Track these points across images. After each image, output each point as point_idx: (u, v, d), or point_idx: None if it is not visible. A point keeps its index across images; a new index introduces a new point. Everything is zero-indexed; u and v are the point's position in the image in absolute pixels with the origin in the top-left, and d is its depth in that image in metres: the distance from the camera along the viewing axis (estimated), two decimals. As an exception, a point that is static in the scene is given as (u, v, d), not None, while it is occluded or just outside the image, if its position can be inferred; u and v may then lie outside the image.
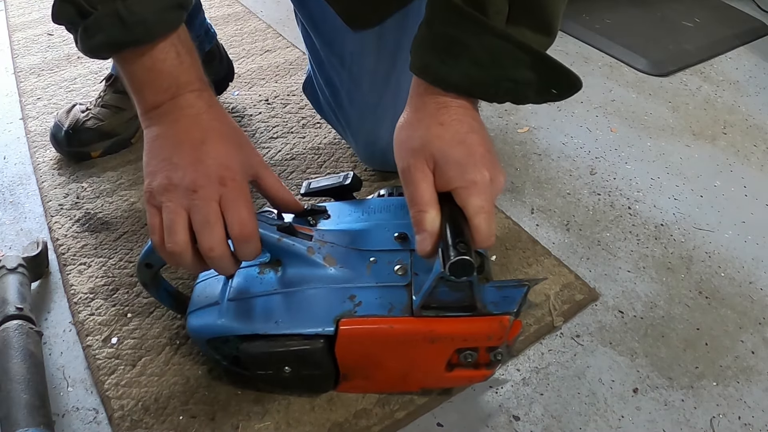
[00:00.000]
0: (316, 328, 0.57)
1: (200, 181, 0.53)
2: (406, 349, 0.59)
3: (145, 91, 0.56)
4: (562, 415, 0.68)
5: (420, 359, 0.60)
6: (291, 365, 0.59)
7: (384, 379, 0.64)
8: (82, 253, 0.83)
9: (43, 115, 1.10)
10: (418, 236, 0.54)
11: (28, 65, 1.26)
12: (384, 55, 0.84)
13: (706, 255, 0.91)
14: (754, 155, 1.14)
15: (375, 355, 0.60)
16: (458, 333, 0.57)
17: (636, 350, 0.76)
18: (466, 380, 0.66)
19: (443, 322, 0.56)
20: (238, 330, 0.59)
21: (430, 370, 0.61)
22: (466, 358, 0.59)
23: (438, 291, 0.54)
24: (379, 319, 0.57)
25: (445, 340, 0.57)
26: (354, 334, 0.57)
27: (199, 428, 0.64)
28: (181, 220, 0.53)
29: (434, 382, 0.65)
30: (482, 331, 0.57)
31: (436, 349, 0.58)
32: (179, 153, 0.54)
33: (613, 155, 1.11)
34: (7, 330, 0.66)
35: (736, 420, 0.69)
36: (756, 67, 1.46)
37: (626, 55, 1.43)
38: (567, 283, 0.83)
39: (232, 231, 0.54)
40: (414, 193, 0.54)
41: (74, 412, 0.66)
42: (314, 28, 0.89)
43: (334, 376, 0.62)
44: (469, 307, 0.56)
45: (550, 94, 0.56)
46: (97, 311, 0.76)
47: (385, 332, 0.57)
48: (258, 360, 0.59)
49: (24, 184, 0.96)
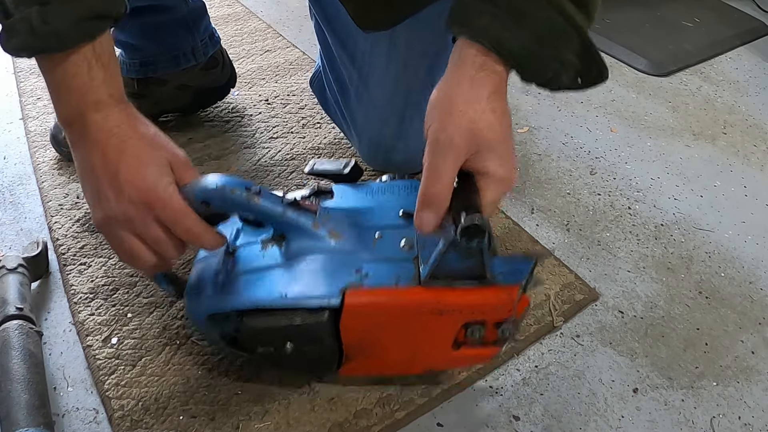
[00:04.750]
0: (321, 300, 0.56)
1: (130, 212, 0.54)
2: (413, 322, 0.57)
3: (58, 105, 0.55)
4: (562, 415, 0.68)
5: (427, 334, 0.58)
6: (294, 341, 0.57)
7: (388, 360, 0.62)
8: (82, 253, 0.83)
9: (43, 115, 1.10)
10: (426, 210, 0.53)
11: (28, 65, 1.26)
12: (395, 56, 0.84)
13: (706, 255, 0.91)
14: (754, 155, 1.14)
15: (381, 330, 0.58)
16: (466, 304, 0.55)
17: (636, 350, 0.76)
18: (472, 359, 0.64)
19: (451, 293, 0.55)
20: (240, 304, 0.58)
21: (437, 348, 0.59)
22: (473, 334, 0.57)
23: (447, 258, 0.53)
24: (386, 290, 0.56)
25: (453, 311, 0.55)
26: (360, 305, 0.55)
27: (199, 428, 0.64)
28: (136, 243, 0.56)
29: (440, 362, 0.63)
30: (491, 301, 0.55)
31: (444, 323, 0.56)
32: (101, 185, 0.55)
33: (613, 155, 1.11)
34: (7, 330, 0.66)
35: (736, 420, 0.69)
36: (756, 67, 1.46)
37: (626, 55, 1.43)
38: (567, 283, 0.83)
39: (184, 239, 0.57)
40: (441, 164, 0.52)
41: (74, 412, 0.66)
42: (327, 24, 0.89)
43: (338, 355, 0.60)
44: (478, 276, 0.54)
45: (576, 83, 0.56)
46: (97, 311, 0.76)
47: (392, 304, 0.56)
48: (259, 335, 0.58)
49: (24, 184, 0.96)
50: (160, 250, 0.57)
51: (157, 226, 0.55)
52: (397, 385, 0.69)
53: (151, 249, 0.57)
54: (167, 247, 0.57)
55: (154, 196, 0.54)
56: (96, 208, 0.56)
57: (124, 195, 0.54)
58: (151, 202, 0.54)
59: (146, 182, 0.54)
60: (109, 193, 0.54)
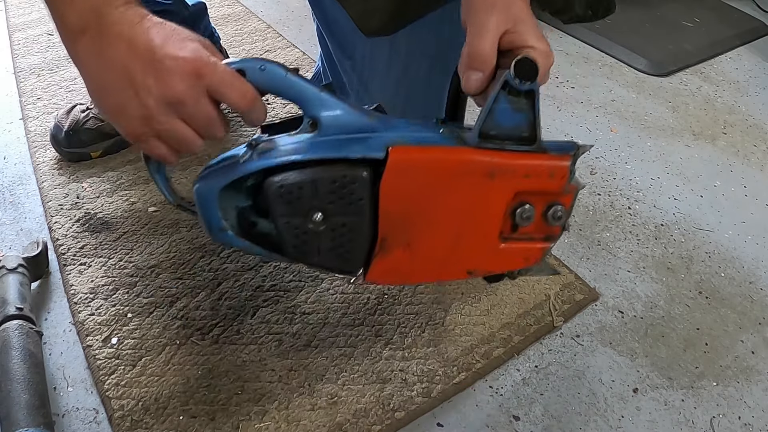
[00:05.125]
0: (362, 151, 0.50)
1: (178, 88, 0.48)
2: (461, 188, 0.52)
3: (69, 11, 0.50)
4: (562, 415, 0.68)
5: (475, 208, 0.53)
6: (324, 208, 0.50)
7: (429, 251, 0.54)
8: (82, 253, 0.83)
9: (43, 115, 1.10)
10: (473, 70, 0.53)
11: (28, 65, 1.26)
12: (395, 61, 0.84)
13: (706, 255, 0.91)
14: (754, 155, 1.14)
15: (425, 197, 0.52)
16: (519, 165, 0.51)
17: (636, 350, 0.76)
18: (520, 257, 0.57)
19: (503, 153, 0.51)
20: (266, 163, 0.51)
21: (483, 234, 0.54)
22: (522, 217, 0.53)
23: (498, 110, 0.50)
24: (435, 148, 0.51)
25: (506, 174, 0.51)
26: (406, 161, 0.50)
27: (199, 428, 0.64)
28: (184, 129, 0.50)
29: (485, 259, 0.56)
30: (544, 166, 0.52)
31: (495, 191, 0.52)
32: (135, 78, 0.49)
33: (613, 155, 1.11)
34: (7, 330, 0.66)
35: (736, 420, 0.69)
36: (756, 67, 1.46)
37: (626, 55, 1.43)
38: (567, 283, 0.83)
39: (236, 109, 0.51)
40: (485, 20, 0.53)
41: (74, 412, 0.66)
42: (327, 28, 0.89)
43: (372, 236, 0.53)
44: (529, 138, 0.52)
45: (587, 14, 0.56)
46: (97, 311, 0.76)
47: (441, 160, 0.50)
48: (284, 200, 0.50)
49: (24, 184, 0.96)
50: (210, 129, 0.51)
51: (209, 101, 0.50)
52: (396, 385, 0.69)
53: (198, 132, 0.51)
54: (217, 124, 0.51)
55: (202, 62, 0.49)
56: (129, 115, 0.50)
57: (169, 71, 0.48)
58: (200, 68, 0.49)
59: (190, 51, 0.50)
60: (148, 80, 0.48)
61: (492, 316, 0.78)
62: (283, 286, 0.80)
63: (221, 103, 0.51)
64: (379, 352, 0.73)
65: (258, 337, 0.74)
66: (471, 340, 0.75)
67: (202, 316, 0.76)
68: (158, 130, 0.50)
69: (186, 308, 0.77)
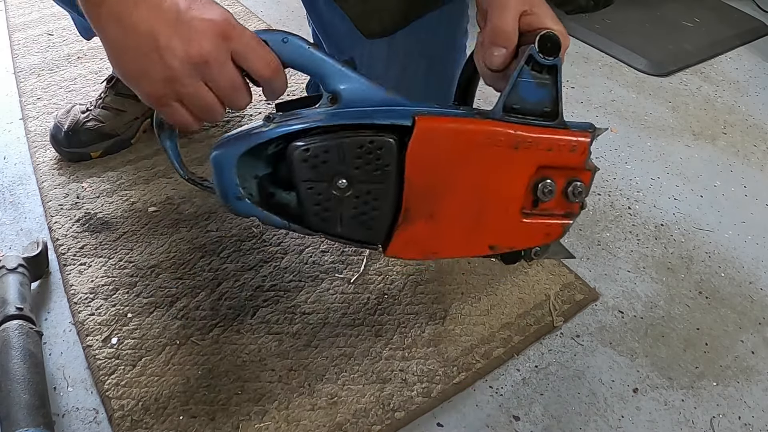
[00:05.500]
0: (390, 118, 0.50)
1: (205, 50, 0.48)
2: (485, 158, 0.52)
3: None
4: (562, 415, 0.68)
5: (499, 180, 0.53)
6: (349, 174, 0.50)
7: (452, 223, 0.54)
8: (82, 253, 0.83)
9: (43, 115, 1.10)
10: (495, 46, 0.54)
11: (28, 65, 1.26)
12: (393, 62, 0.84)
13: (706, 255, 0.91)
14: (754, 155, 1.14)
15: (449, 166, 0.52)
16: (543, 138, 0.52)
17: (636, 350, 0.76)
18: (542, 232, 0.57)
19: (527, 127, 0.52)
20: (287, 129, 0.50)
21: (506, 208, 0.54)
22: (544, 192, 0.53)
23: (522, 84, 0.51)
24: (460, 119, 0.51)
25: (530, 146, 0.52)
26: (433, 129, 0.50)
27: (199, 428, 0.64)
28: (207, 93, 0.50)
29: (507, 233, 0.56)
30: (566, 140, 0.53)
31: (518, 162, 0.52)
32: (159, 40, 0.48)
33: (613, 155, 1.11)
34: (7, 330, 0.66)
35: (736, 420, 0.69)
36: (756, 67, 1.46)
37: (626, 55, 1.43)
38: (567, 283, 0.83)
39: (260, 76, 0.51)
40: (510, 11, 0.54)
41: (74, 412, 0.66)
42: (323, 31, 0.89)
43: (395, 207, 0.52)
44: (551, 113, 0.53)
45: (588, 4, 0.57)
46: (97, 311, 0.76)
47: (467, 131, 0.51)
48: (309, 164, 0.49)
49: (24, 184, 0.96)
50: (233, 96, 0.51)
51: (234, 67, 0.50)
52: (396, 385, 0.69)
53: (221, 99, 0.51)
54: (241, 91, 0.51)
55: (230, 25, 0.49)
56: (153, 71, 0.49)
57: (196, 31, 0.48)
58: (228, 30, 0.49)
59: (218, 14, 0.50)
60: (173, 41, 0.48)
61: (492, 316, 0.78)
62: (283, 286, 0.80)
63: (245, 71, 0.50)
64: (379, 352, 0.73)
65: (258, 337, 0.74)
66: (471, 340, 0.75)
67: (202, 316, 0.76)
68: (181, 93, 0.49)
69: (186, 308, 0.77)
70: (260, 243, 0.86)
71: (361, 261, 0.84)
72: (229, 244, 0.86)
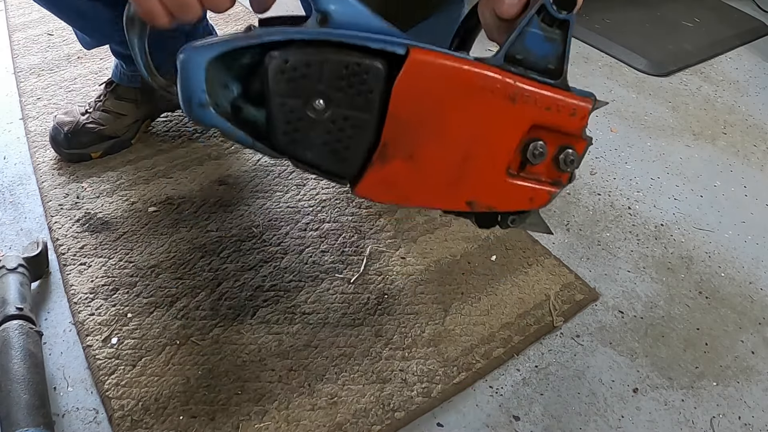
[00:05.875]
0: (383, 43, 0.46)
1: None
2: (477, 106, 0.49)
3: None
4: (562, 415, 0.68)
5: (489, 130, 0.50)
6: (329, 95, 0.46)
7: (432, 168, 0.51)
8: (82, 253, 0.83)
9: (43, 115, 1.10)
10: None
11: (28, 65, 1.26)
12: None
13: (706, 255, 0.91)
14: (754, 155, 1.14)
15: (439, 106, 0.48)
16: (543, 96, 0.49)
17: (636, 350, 0.76)
18: (526, 196, 0.54)
19: (528, 80, 0.49)
20: (268, 39, 0.46)
21: (492, 162, 0.51)
22: (533, 154, 0.51)
23: (529, 34, 0.48)
24: (458, 57, 0.47)
25: (528, 101, 0.49)
26: (427, 63, 0.46)
27: (199, 428, 0.64)
28: None
29: (489, 190, 0.53)
30: (568, 102, 0.50)
31: (512, 117, 0.50)
32: None
33: (613, 155, 1.11)
34: (7, 330, 0.66)
35: (736, 420, 0.69)
36: (756, 67, 1.46)
37: (626, 55, 1.43)
38: (567, 283, 0.83)
39: None
40: None
41: (74, 412, 0.66)
42: None
43: (373, 137, 0.49)
44: (555, 72, 0.50)
45: None
46: (97, 311, 0.76)
47: (463, 71, 0.47)
48: (285, 77, 0.45)
49: (24, 184, 0.96)
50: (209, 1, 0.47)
51: None
52: (396, 385, 0.69)
53: None
54: None
55: None
56: None
57: None
58: None
59: None
60: None
61: (492, 316, 0.78)
62: (283, 286, 0.80)
63: None
64: (379, 352, 0.73)
65: (258, 337, 0.74)
66: (471, 340, 0.75)
67: (202, 316, 0.76)
68: None
69: (186, 308, 0.77)
70: (260, 243, 0.86)
71: (361, 261, 0.84)
72: (229, 244, 0.86)
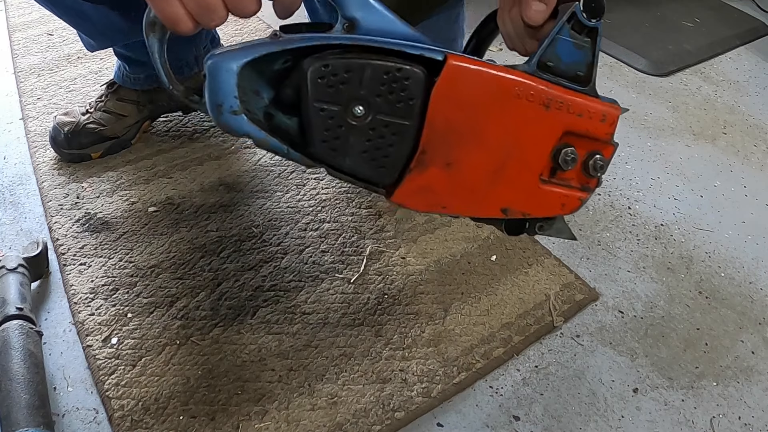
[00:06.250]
0: (421, 49, 0.46)
1: None
2: (513, 112, 0.50)
3: None
4: (562, 415, 0.68)
5: (524, 137, 0.51)
6: (369, 101, 0.46)
7: (468, 175, 0.51)
8: (82, 253, 0.83)
9: (43, 115, 1.10)
10: (536, 4, 0.52)
11: (28, 65, 1.26)
12: None
13: (706, 255, 0.91)
14: (754, 155, 1.14)
15: (476, 114, 0.49)
16: (575, 102, 0.51)
17: (636, 350, 0.76)
18: (558, 202, 0.55)
19: (560, 87, 0.50)
20: (305, 43, 0.45)
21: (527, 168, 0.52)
22: (565, 161, 0.51)
23: (559, 44, 0.50)
24: (492, 65, 0.48)
25: (560, 108, 0.50)
26: (464, 70, 0.47)
27: (199, 428, 0.64)
28: None
29: (524, 198, 0.54)
30: (598, 109, 0.51)
31: (546, 123, 0.50)
32: None
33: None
34: (7, 330, 0.66)
35: (736, 420, 0.69)
36: (756, 67, 1.46)
37: (626, 55, 1.43)
38: (567, 283, 0.83)
39: None
40: None
41: (74, 412, 0.66)
42: None
43: (413, 144, 0.48)
44: (584, 79, 0.51)
45: None
46: (97, 311, 0.76)
47: (499, 78, 0.48)
48: (325, 82, 0.45)
49: (24, 184, 0.96)
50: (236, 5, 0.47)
51: None
52: (396, 385, 0.69)
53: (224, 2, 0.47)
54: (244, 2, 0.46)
55: None
56: None
57: None
58: None
59: None
60: None
61: (492, 316, 0.78)
62: (283, 286, 0.80)
63: None
64: (379, 352, 0.73)
65: (258, 337, 0.74)
66: (471, 340, 0.75)
67: (202, 316, 0.76)
68: None
69: (186, 308, 0.77)
70: (260, 243, 0.86)
71: (361, 261, 0.84)
72: (229, 244, 0.86)
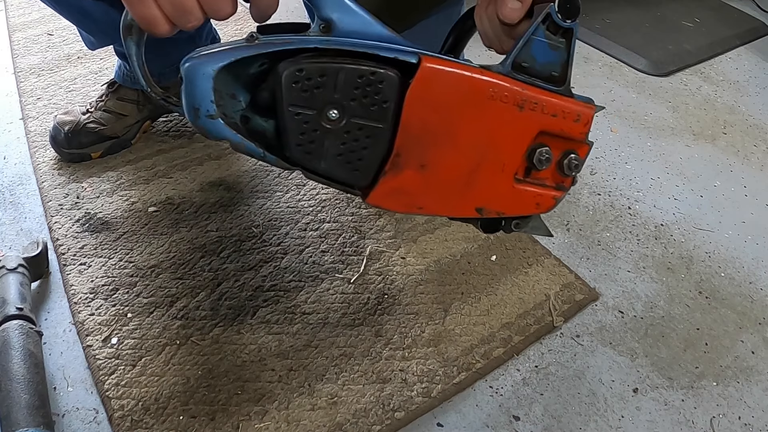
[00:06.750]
0: (395, 52, 0.46)
1: None
2: (488, 113, 0.50)
3: None
4: (562, 415, 0.68)
5: (498, 138, 0.51)
6: (344, 105, 0.46)
7: (443, 176, 0.52)
8: (82, 253, 0.83)
9: (43, 115, 1.10)
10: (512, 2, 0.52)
11: (28, 65, 1.26)
12: None
13: (706, 255, 0.91)
14: (754, 155, 1.14)
15: (450, 116, 0.49)
16: (549, 102, 0.51)
17: (636, 350, 0.76)
18: (533, 201, 0.56)
19: (535, 88, 0.50)
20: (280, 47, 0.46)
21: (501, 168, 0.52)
22: (539, 160, 0.52)
23: (534, 45, 0.50)
24: (467, 66, 0.48)
25: (535, 108, 0.50)
26: (438, 72, 0.47)
27: (199, 428, 0.64)
28: None
29: (497, 195, 0.54)
30: (572, 109, 0.51)
31: (520, 123, 0.51)
32: None
33: (613, 155, 1.11)
34: (7, 330, 0.66)
35: (736, 420, 0.69)
36: (756, 67, 1.46)
37: (626, 55, 1.43)
38: (567, 283, 0.83)
39: None
40: None
41: (74, 412, 0.66)
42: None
43: (385, 150, 0.49)
44: (559, 79, 0.52)
45: None
46: (97, 311, 0.76)
47: (474, 80, 0.48)
48: (300, 87, 0.45)
49: (24, 184, 0.96)
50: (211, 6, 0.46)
51: None
52: (396, 385, 0.69)
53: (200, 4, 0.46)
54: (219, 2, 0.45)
55: None
56: None
57: None
58: None
59: None
60: None
61: (492, 316, 0.78)
62: (283, 286, 0.80)
63: None
64: (379, 352, 0.73)
65: (258, 337, 0.74)
66: (471, 340, 0.75)
67: (202, 316, 0.76)
68: None
69: (186, 308, 0.77)
70: (260, 243, 0.86)
71: (361, 261, 0.84)
72: (229, 244, 0.86)
